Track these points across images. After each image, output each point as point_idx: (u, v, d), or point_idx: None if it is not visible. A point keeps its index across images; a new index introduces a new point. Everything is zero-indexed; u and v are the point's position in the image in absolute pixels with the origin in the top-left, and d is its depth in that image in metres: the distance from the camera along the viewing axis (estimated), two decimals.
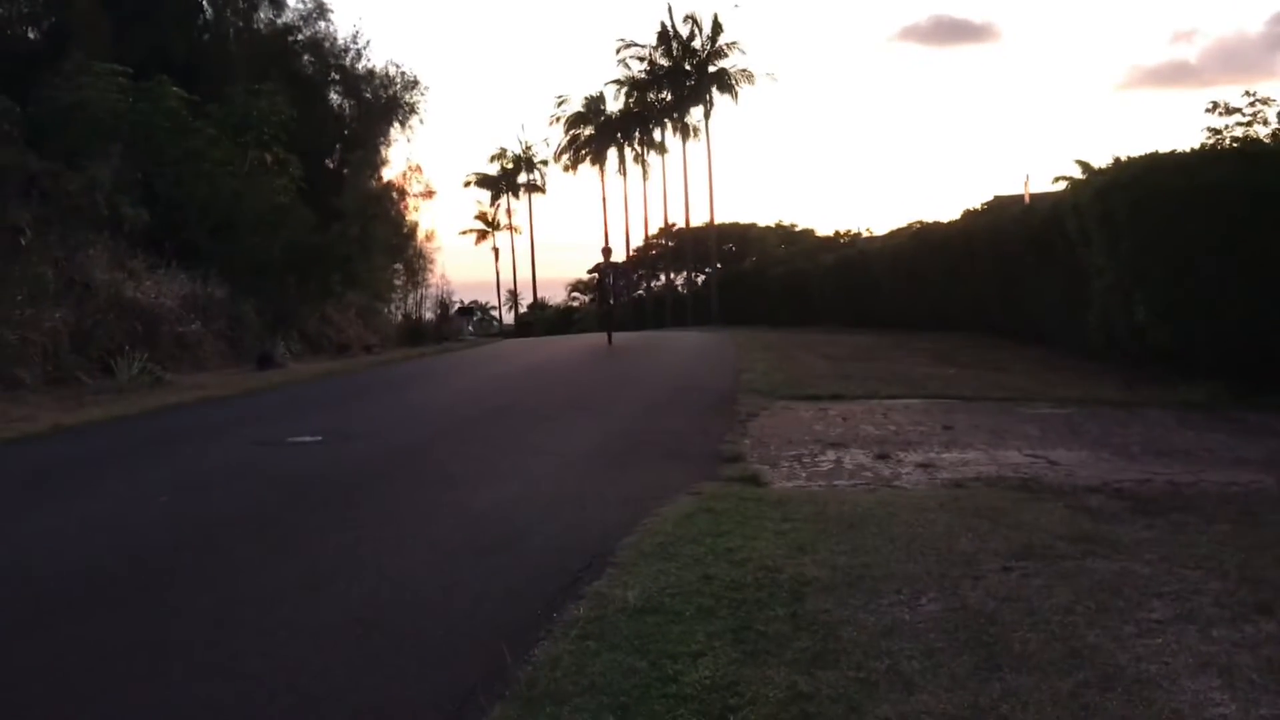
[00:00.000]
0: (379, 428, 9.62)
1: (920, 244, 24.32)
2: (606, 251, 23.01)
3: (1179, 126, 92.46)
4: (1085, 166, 21.91)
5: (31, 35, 23.94)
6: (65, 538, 5.55)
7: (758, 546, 4.59)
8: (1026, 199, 24.74)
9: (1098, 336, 12.48)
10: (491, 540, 5.11)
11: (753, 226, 64.76)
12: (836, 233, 61.12)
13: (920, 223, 35.37)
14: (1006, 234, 17.23)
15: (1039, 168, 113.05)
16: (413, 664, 3.48)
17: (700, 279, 56.70)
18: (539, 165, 69.53)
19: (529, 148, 69.70)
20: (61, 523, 5.94)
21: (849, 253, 34.90)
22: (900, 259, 25.08)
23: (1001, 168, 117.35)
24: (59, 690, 3.36)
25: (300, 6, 28.61)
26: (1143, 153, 11.57)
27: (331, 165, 29.18)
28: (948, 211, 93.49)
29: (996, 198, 31.25)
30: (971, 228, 21.10)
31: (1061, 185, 22.70)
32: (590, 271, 25.18)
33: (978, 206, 30.84)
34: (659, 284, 62.54)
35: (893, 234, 36.74)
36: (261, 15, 27.81)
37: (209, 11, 26.71)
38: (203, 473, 7.51)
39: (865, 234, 54.69)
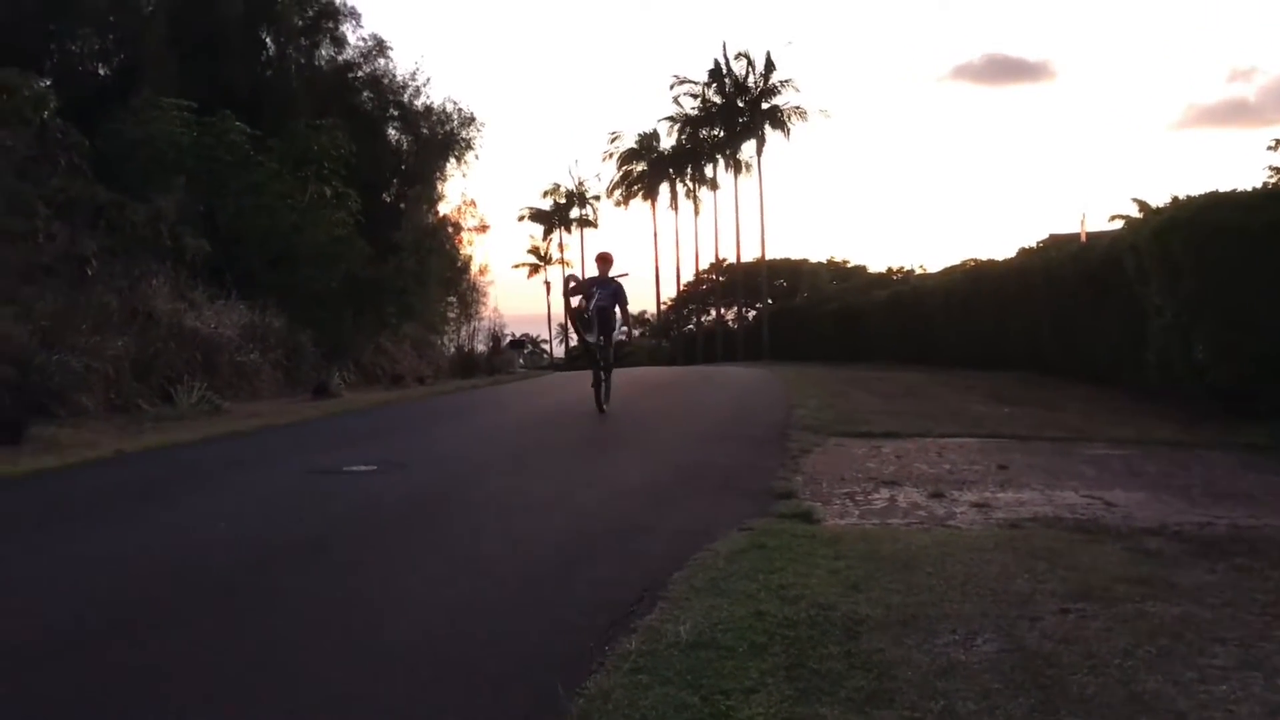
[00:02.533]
0: (432, 458, 9.71)
1: (974, 281, 24.15)
2: (602, 259, 13.91)
3: (1238, 165, 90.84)
4: (1143, 205, 21.56)
5: (102, 71, 24.64)
6: (125, 561, 5.65)
7: (810, 584, 4.56)
8: (1083, 237, 24.51)
9: (1156, 376, 12.28)
10: (542, 571, 5.13)
11: (804, 262, 64.82)
12: (889, 269, 60.98)
13: (974, 260, 35.15)
14: (1062, 272, 17.07)
15: (1095, 206, 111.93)
16: (463, 694, 3.49)
17: (751, 314, 56.68)
18: (591, 200, 70.35)
19: (582, 183, 70.55)
20: (122, 547, 6.05)
21: (902, 289, 34.74)
22: (954, 296, 24.91)
23: (1057, 206, 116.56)
24: (107, 715, 3.42)
25: (361, 44, 29.21)
26: (1202, 191, 11.45)
27: (389, 199, 29.61)
28: (1002, 249, 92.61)
29: (1052, 236, 30.96)
30: (1027, 266, 20.91)
31: (1118, 224, 22.37)
32: (565, 293, 14.34)
33: (1033, 245, 30.53)
34: (709, 319, 62.64)
35: (946, 271, 36.58)
36: (323, 52, 28.41)
37: (272, 49, 27.33)
38: (260, 499, 7.62)
39: (918, 271, 54.56)
